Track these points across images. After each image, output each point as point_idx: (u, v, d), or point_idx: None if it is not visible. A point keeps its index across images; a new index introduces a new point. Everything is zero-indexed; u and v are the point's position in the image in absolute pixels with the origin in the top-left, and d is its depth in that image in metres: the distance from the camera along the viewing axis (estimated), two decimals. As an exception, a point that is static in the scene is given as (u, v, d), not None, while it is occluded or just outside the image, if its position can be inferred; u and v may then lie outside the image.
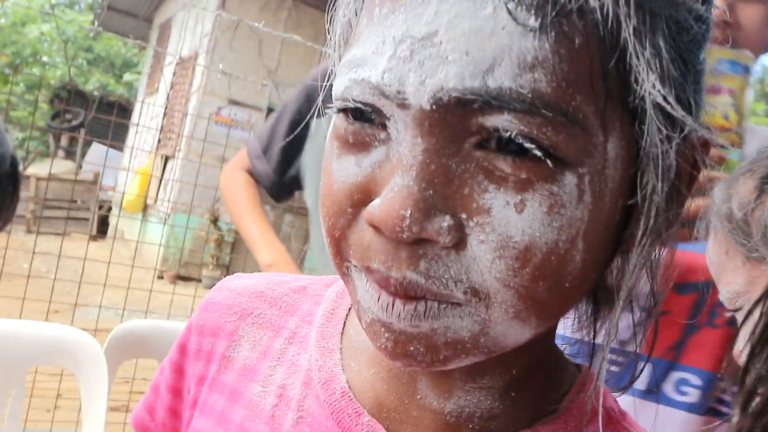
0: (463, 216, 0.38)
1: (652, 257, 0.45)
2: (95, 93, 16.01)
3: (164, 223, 7.50)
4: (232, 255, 8.26)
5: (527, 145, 0.36)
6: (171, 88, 9.35)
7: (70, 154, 13.89)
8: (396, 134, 0.40)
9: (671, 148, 0.40)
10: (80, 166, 10.62)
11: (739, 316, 0.76)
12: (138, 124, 6.72)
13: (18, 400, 1.67)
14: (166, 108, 9.29)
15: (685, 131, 0.40)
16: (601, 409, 0.48)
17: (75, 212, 10.01)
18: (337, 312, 0.57)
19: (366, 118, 0.41)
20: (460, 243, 0.38)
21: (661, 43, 0.39)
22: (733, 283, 0.77)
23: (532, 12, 0.36)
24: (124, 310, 3.39)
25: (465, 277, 0.39)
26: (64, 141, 14.80)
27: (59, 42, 17.63)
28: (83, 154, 11.27)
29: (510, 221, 0.37)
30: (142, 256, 7.75)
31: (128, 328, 1.78)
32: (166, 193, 8.29)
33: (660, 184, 0.40)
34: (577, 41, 0.37)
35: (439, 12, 0.37)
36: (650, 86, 0.38)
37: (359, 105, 0.40)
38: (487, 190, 0.38)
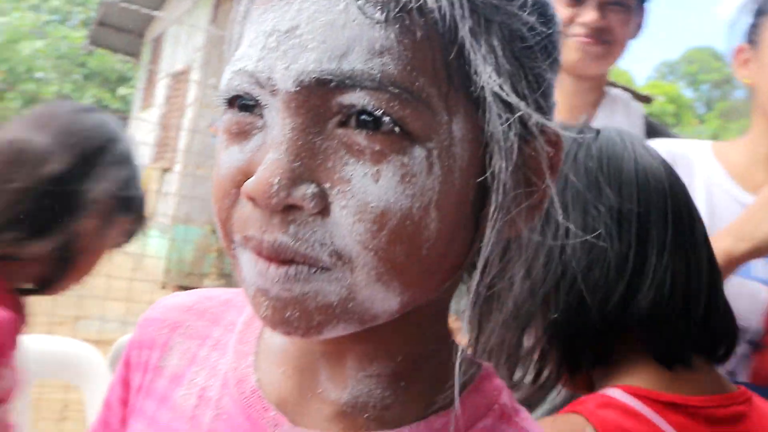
0: (327, 186, 0.43)
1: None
2: (91, 108, 15.99)
3: (154, 237, 7.51)
4: (233, 264, 8.22)
5: (377, 113, 0.42)
6: (166, 103, 9.39)
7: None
8: (271, 120, 0.45)
9: (510, 129, 0.46)
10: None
11: None
12: (134, 139, 6.73)
13: (22, 414, 1.70)
14: (162, 121, 9.31)
15: (520, 113, 0.46)
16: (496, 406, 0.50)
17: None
18: (255, 318, 0.61)
19: (247, 109, 0.47)
20: (324, 210, 0.44)
21: (495, 43, 0.45)
22: None
23: (378, 7, 0.42)
24: (125, 322, 3.42)
25: (330, 240, 0.44)
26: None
27: (53, 58, 17.66)
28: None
29: (368, 189, 0.43)
30: (146, 268, 7.77)
31: (130, 339, 1.80)
32: (166, 206, 8.31)
33: (504, 162, 0.46)
34: (418, 34, 0.43)
35: (300, 9, 0.43)
36: (487, 77, 0.44)
37: (240, 93, 0.46)
38: (348, 163, 0.43)
